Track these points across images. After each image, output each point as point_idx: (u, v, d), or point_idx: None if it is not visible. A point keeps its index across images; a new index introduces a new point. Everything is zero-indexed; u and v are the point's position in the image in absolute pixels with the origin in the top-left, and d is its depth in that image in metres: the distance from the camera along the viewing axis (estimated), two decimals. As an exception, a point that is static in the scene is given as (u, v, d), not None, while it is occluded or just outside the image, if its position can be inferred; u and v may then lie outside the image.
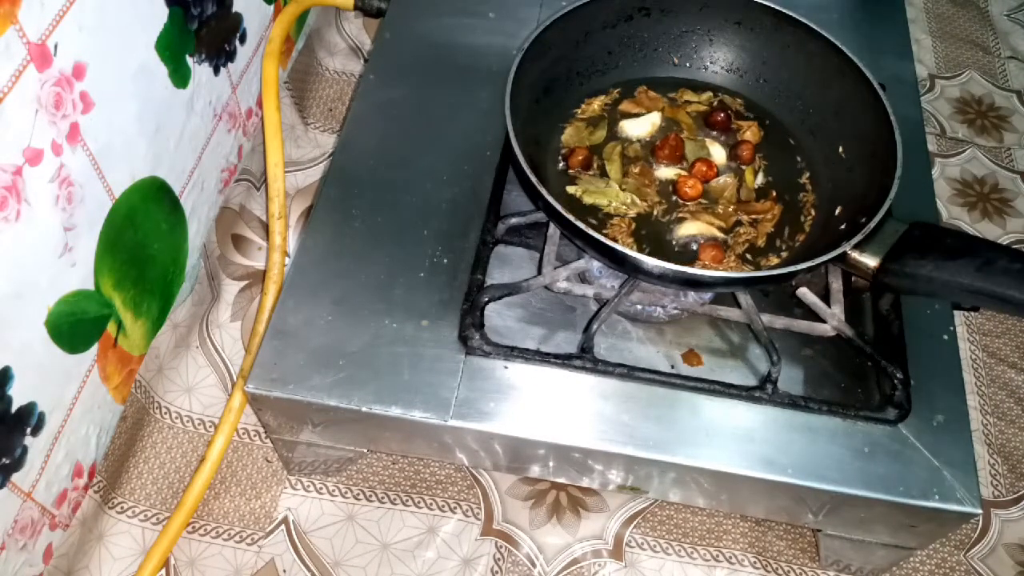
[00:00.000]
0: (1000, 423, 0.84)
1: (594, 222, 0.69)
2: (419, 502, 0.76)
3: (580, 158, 0.72)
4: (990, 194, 1.01)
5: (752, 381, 0.66)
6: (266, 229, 0.90)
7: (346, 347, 0.64)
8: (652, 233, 0.69)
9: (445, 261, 0.68)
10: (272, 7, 0.93)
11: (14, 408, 0.60)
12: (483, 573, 0.73)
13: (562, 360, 0.64)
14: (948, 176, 1.03)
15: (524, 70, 0.69)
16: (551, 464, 0.66)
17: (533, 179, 0.62)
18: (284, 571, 0.72)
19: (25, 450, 0.63)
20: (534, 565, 0.74)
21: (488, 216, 0.71)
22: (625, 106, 0.77)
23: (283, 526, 0.74)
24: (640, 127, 0.76)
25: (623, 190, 0.71)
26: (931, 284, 0.61)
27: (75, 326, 0.66)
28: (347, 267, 0.68)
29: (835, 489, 0.61)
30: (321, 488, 0.76)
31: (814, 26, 0.74)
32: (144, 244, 0.74)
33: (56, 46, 0.56)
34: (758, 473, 0.61)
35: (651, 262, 0.59)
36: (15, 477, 0.62)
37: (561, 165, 0.73)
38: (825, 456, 0.62)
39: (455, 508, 0.76)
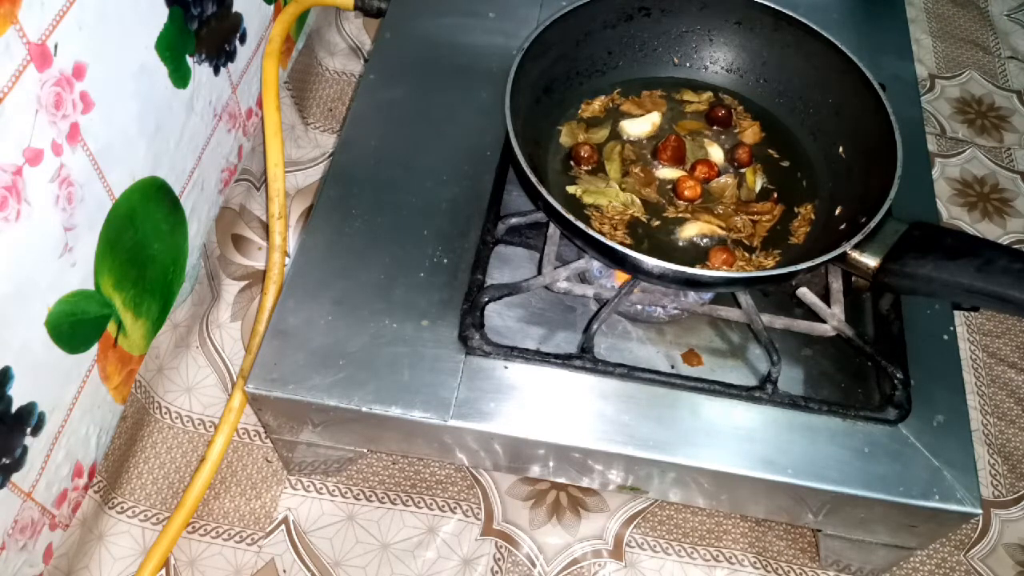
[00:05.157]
0: (1000, 423, 0.84)
1: (598, 226, 0.69)
2: (419, 502, 0.76)
3: (586, 154, 0.72)
4: (990, 194, 1.01)
5: (752, 381, 0.66)
6: (266, 229, 0.90)
7: (346, 347, 0.64)
8: (652, 233, 0.69)
9: (445, 261, 0.68)
10: (272, 7, 0.93)
11: (14, 408, 0.60)
12: (483, 573, 0.73)
13: (562, 360, 0.64)
14: (948, 176, 1.03)
15: (524, 70, 0.69)
16: (551, 464, 0.66)
17: (533, 179, 0.62)
18: (284, 571, 0.72)
19: (25, 450, 0.63)
20: (534, 565, 0.74)
21: (488, 216, 0.71)
22: (627, 107, 0.77)
23: (283, 526, 0.74)
24: (640, 127, 0.76)
25: (623, 190, 0.71)
26: (931, 284, 0.61)
27: (75, 326, 0.66)
28: (347, 267, 0.68)
29: (835, 489, 0.61)
30: (321, 488, 0.76)
31: (814, 26, 0.74)
32: (144, 244, 0.74)
33: (56, 46, 0.56)
34: (758, 473, 0.61)
35: (651, 262, 0.59)
36: (15, 477, 0.62)
37: (561, 157, 0.73)
38: (825, 456, 0.62)
39: (455, 508, 0.76)
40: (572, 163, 0.73)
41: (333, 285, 0.67)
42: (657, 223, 0.70)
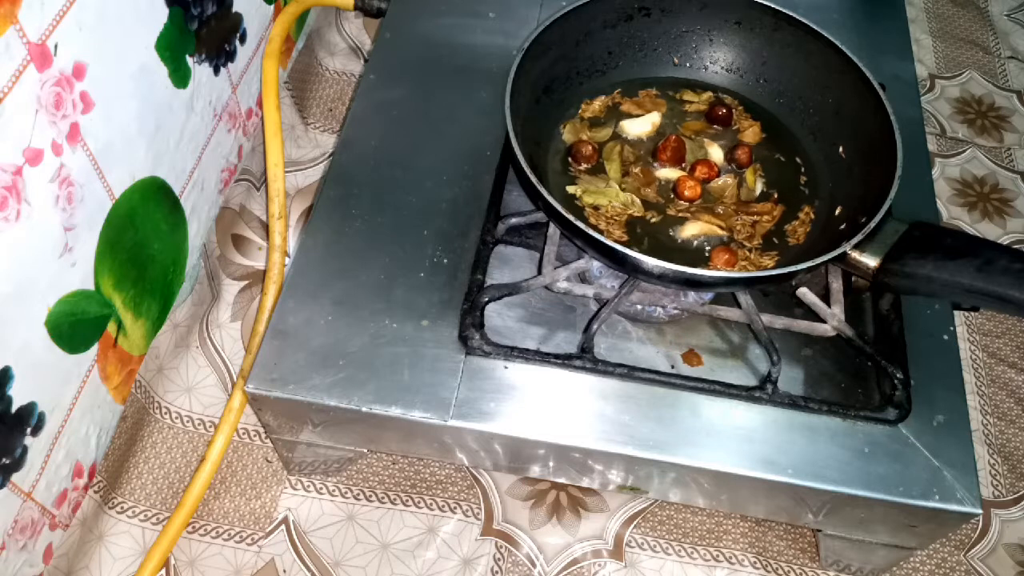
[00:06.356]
0: (1000, 423, 0.84)
1: (594, 222, 0.69)
2: (419, 502, 0.76)
3: (587, 152, 0.72)
4: (990, 194, 1.01)
5: (752, 381, 0.66)
6: (266, 229, 0.90)
7: (346, 347, 0.64)
8: (652, 233, 0.69)
9: (445, 261, 0.68)
10: (272, 7, 0.93)
11: (14, 408, 0.60)
12: (483, 573, 0.73)
13: (562, 360, 0.64)
14: (948, 176, 1.03)
15: (524, 70, 0.69)
16: (551, 464, 0.66)
17: (533, 179, 0.62)
18: (284, 571, 0.72)
19: (25, 450, 0.63)
20: (534, 565, 0.74)
21: (488, 216, 0.71)
22: (627, 106, 0.77)
23: (283, 526, 0.74)
24: (640, 127, 0.76)
25: (623, 190, 0.71)
26: (931, 284, 0.61)
27: (75, 326, 0.66)
28: (347, 267, 0.68)
29: (835, 489, 0.61)
30: (321, 488, 0.76)
31: (814, 26, 0.74)
32: (144, 244, 0.74)
33: (56, 46, 0.56)
34: (758, 473, 0.61)
35: (651, 262, 0.59)
36: (15, 477, 0.62)
37: (560, 157, 0.73)
38: (825, 456, 0.62)
39: (455, 508, 0.76)
40: (572, 161, 0.73)
41: (333, 285, 0.67)
42: (657, 223, 0.70)
